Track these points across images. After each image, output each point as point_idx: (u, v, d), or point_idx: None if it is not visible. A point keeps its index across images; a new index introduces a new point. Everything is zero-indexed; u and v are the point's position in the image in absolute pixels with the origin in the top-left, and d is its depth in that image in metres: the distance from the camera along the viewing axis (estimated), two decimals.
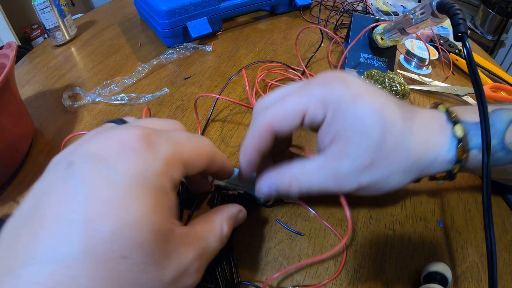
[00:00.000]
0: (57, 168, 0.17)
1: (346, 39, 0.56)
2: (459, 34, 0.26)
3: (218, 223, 0.22)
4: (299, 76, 0.52)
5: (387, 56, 0.49)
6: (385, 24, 0.47)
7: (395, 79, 0.41)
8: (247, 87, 0.44)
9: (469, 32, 0.24)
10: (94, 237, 0.14)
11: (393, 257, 0.32)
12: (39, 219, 0.15)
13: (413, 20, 0.38)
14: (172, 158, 0.18)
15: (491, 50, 1.61)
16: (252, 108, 0.46)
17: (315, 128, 0.25)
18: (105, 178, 0.15)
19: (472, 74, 0.24)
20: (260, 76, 0.51)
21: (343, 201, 0.26)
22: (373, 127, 0.22)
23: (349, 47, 0.50)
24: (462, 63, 0.58)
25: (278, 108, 0.23)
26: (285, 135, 0.24)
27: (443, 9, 0.31)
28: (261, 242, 0.32)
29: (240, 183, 0.33)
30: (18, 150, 0.39)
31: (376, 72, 0.43)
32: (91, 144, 0.17)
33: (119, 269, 0.14)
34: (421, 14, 0.36)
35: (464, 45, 0.25)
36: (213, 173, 0.26)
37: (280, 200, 0.36)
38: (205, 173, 0.25)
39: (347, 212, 0.26)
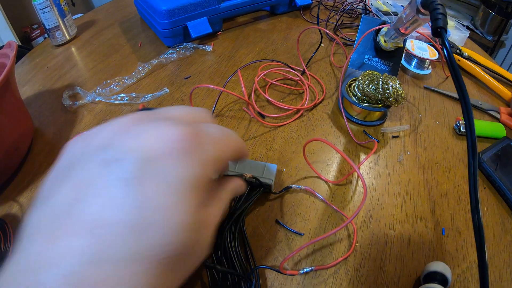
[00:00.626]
0: (93, 161, 0.15)
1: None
2: (438, 29, 0.25)
3: (225, 198, 0.22)
4: (298, 76, 0.52)
5: (392, 60, 0.49)
6: (387, 26, 0.47)
7: (389, 82, 0.41)
8: (243, 88, 0.44)
9: (469, 32, 0.23)
10: (143, 241, 0.14)
11: (393, 257, 0.32)
12: (80, 216, 0.14)
13: (404, 19, 0.38)
14: (217, 160, 0.18)
15: (491, 50, 1.61)
16: (250, 104, 0.47)
17: None
18: (156, 181, 0.15)
19: (453, 74, 0.23)
20: (260, 75, 0.51)
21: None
22: None
23: (354, 48, 0.50)
24: (464, 63, 0.58)
25: None
26: None
27: (425, 5, 0.30)
28: (261, 242, 0.32)
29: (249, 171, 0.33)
30: (18, 150, 0.39)
31: (373, 74, 0.43)
32: (138, 141, 0.16)
33: (172, 267, 0.15)
34: (409, 12, 0.36)
35: (442, 42, 0.24)
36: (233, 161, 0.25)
37: (288, 187, 0.37)
38: None
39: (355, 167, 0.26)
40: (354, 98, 0.45)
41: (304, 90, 0.51)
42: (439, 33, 0.25)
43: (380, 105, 0.44)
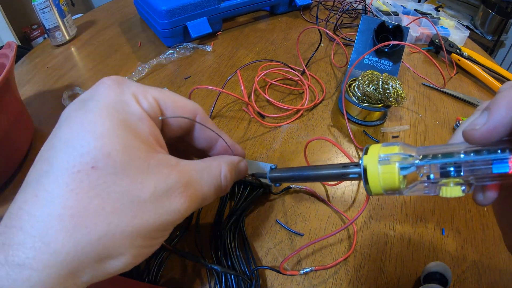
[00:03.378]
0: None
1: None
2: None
3: (216, 164, 0.22)
4: (298, 76, 0.52)
5: (392, 59, 0.49)
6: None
7: (389, 82, 0.41)
8: (242, 88, 0.44)
9: (469, 32, 0.23)
10: (71, 153, 0.16)
11: (393, 257, 0.32)
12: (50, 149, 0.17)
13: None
14: (141, 91, 0.19)
15: (491, 50, 1.61)
16: (249, 104, 0.47)
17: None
18: (82, 109, 0.17)
19: None
20: (260, 75, 0.51)
21: None
22: None
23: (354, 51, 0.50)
24: (464, 63, 0.58)
25: None
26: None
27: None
28: (261, 242, 0.32)
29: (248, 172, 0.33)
30: (18, 150, 0.39)
31: (373, 74, 0.43)
32: (79, 96, 0.19)
33: (90, 179, 0.16)
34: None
35: None
36: (208, 138, 0.25)
37: (288, 187, 0.37)
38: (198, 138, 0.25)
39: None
40: (354, 98, 0.45)
41: (304, 90, 0.51)
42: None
43: (380, 105, 0.44)
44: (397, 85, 0.41)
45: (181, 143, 0.25)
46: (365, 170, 0.19)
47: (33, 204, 0.15)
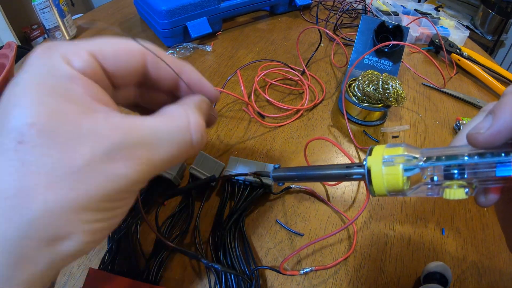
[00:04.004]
0: None
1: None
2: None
3: (179, 114, 0.19)
4: (298, 76, 0.52)
5: (392, 59, 0.49)
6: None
7: (389, 82, 0.41)
8: (242, 88, 0.44)
9: (469, 32, 0.23)
10: (0, 133, 0.15)
11: (393, 257, 0.32)
12: None
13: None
14: (71, 50, 0.17)
15: (491, 50, 1.61)
16: (249, 104, 0.47)
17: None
18: (12, 84, 0.16)
19: None
20: (260, 75, 0.51)
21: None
22: None
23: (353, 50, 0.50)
24: (464, 63, 0.58)
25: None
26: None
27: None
28: (261, 242, 0.32)
29: (248, 173, 0.33)
30: None
31: (373, 74, 0.43)
32: None
33: (19, 156, 0.14)
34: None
35: None
36: (172, 84, 0.23)
37: (288, 187, 0.37)
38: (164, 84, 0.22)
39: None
40: (354, 98, 0.45)
41: (304, 90, 0.51)
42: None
43: (380, 105, 0.44)
44: (397, 85, 0.41)
45: (145, 93, 0.23)
46: (369, 171, 0.19)
47: None
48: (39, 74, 0.16)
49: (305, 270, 0.30)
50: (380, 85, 0.41)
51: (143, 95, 0.23)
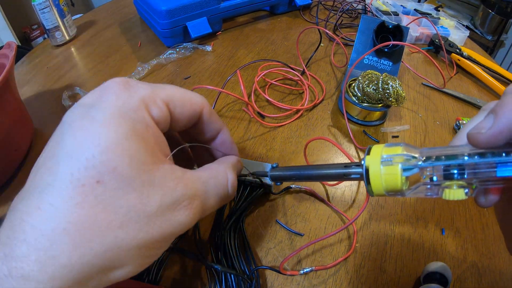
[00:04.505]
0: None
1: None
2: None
3: (221, 172, 0.22)
4: (298, 76, 0.52)
5: (392, 59, 0.49)
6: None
7: (389, 82, 0.41)
8: (242, 88, 0.44)
9: (469, 32, 0.23)
10: (76, 166, 0.16)
11: (393, 257, 0.32)
12: (48, 159, 0.17)
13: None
14: (149, 96, 0.19)
15: (491, 50, 1.61)
16: (249, 104, 0.47)
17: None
18: (87, 117, 0.17)
19: None
20: (260, 75, 0.51)
21: None
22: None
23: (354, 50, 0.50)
24: (464, 63, 0.58)
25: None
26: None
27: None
28: (261, 242, 0.32)
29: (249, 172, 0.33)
30: (18, 150, 0.39)
31: (373, 74, 0.43)
32: (82, 99, 0.19)
33: (95, 194, 0.15)
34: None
35: None
36: (212, 132, 0.25)
37: (288, 187, 0.37)
38: (204, 132, 0.24)
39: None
40: (354, 98, 0.45)
41: (304, 90, 0.51)
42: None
43: (380, 105, 0.44)
44: (397, 85, 0.41)
45: (186, 135, 0.25)
46: (367, 170, 0.19)
47: (36, 217, 0.15)
48: (119, 116, 0.17)
49: (305, 270, 0.30)
50: (380, 85, 0.41)
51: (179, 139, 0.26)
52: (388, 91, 0.41)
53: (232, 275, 0.28)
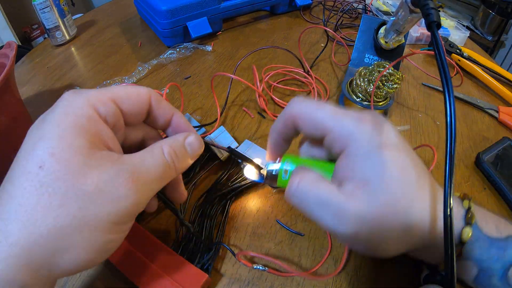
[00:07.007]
0: None
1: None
2: (431, 24, 0.26)
3: (156, 146, 0.23)
4: (306, 76, 0.52)
5: (393, 57, 0.49)
6: (384, 27, 0.48)
7: (379, 69, 0.42)
8: (256, 78, 0.43)
9: (469, 32, 0.23)
10: (27, 159, 0.19)
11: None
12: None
13: (400, 21, 0.39)
14: (96, 96, 0.21)
15: (491, 50, 1.61)
16: (261, 96, 0.46)
17: (331, 153, 0.24)
18: (42, 120, 0.20)
19: (441, 68, 0.23)
20: (265, 78, 0.51)
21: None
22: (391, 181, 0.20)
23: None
24: (464, 63, 0.58)
25: (308, 108, 0.24)
26: (296, 134, 0.26)
27: (415, 3, 0.32)
28: (261, 242, 0.32)
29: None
30: (17, 150, 0.39)
31: (365, 68, 0.44)
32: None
33: (39, 178, 0.18)
34: (402, 13, 0.37)
35: (433, 36, 0.25)
36: (165, 121, 0.26)
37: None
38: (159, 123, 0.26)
39: None
40: (354, 97, 0.45)
41: (310, 91, 0.51)
42: (430, 27, 0.26)
43: (380, 103, 0.44)
44: (389, 71, 0.42)
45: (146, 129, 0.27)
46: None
47: None
48: (64, 114, 0.20)
49: (258, 267, 0.29)
50: (371, 74, 0.43)
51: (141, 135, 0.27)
52: (376, 74, 0.42)
53: (195, 238, 0.30)
